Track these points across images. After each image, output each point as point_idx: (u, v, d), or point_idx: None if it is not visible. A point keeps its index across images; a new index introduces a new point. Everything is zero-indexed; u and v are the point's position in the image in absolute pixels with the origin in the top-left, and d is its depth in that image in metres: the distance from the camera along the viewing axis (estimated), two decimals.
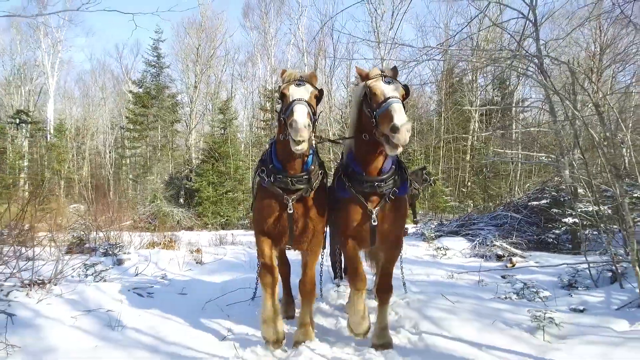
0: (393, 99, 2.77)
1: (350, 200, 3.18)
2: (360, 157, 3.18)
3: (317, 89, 3.05)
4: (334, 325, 3.84)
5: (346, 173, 3.24)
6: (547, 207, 7.45)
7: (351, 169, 3.21)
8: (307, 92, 2.96)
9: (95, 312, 3.65)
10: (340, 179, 3.28)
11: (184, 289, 4.94)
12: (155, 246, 7.72)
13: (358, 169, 3.16)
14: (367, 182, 3.09)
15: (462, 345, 3.09)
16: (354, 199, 3.15)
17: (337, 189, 3.31)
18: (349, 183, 3.17)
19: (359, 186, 3.12)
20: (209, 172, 17.11)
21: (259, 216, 3.37)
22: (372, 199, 3.14)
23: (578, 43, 15.49)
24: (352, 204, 3.17)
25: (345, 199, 3.21)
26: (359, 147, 3.18)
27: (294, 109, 2.76)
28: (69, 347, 2.91)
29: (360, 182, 3.12)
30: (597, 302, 4.07)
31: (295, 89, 2.94)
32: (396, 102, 2.75)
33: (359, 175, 3.13)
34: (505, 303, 4.17)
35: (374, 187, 3.10)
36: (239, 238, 10.18)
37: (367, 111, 2.96)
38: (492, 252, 7.03)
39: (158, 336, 3.25)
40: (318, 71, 23.06)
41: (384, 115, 2.74)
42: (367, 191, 3.12)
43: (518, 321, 3.52)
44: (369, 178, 3.10)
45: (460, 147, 18.97)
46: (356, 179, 3.14)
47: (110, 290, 4.46)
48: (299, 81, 3.01)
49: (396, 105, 2.72)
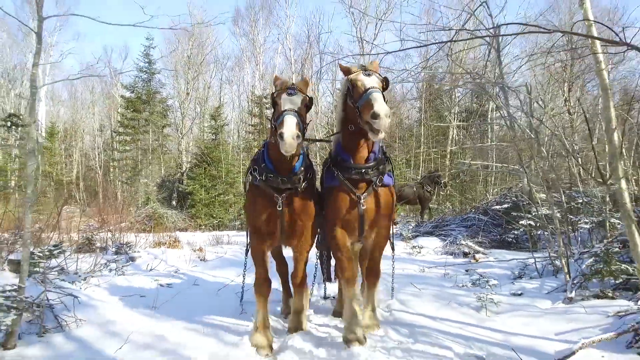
0: (373, 89, 2.97)
1: (339, 187, 3.40)
2: (347, 147, 3.38)
3: (307, 96, 3.21)
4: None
5: (335, 162, 3.45)
6: (508, 211, 8.51)
7: (340, 157, 3.41)
8: (298, 101, 3.11)
9: (132, 297, 4.54)
10: (329, 169, 3.50)
11: (196, 281, 5.83)
12: (161, 245, 8.54)
13: (346, 157, 3.37)
14: (354, 169, 3.32)
15: (423, 319, 4.00)
16: (343, 186, 3.37)
17: (326, 179, 3.54)
18: (338, 171, 3.38)
19: (347, 173, 3.34)
20: (201, 176, 17.92)
21: (251, 214, 3.56)
22: (359, 185, 3.36)
23: (551, 55, 16.72)
24: (341, 191, 3.39)
25: (334, 187, 3.43)
26: (346, 138, 3.38)
27: (284, 120, 2.92)
28: (124, 320, 3.79)
29: (348, 170, 3.33)
30: (533, 288, 5.08)
31: (286, 99, 3.10)
32: (376, 92, 2.95)
33: (347, 163, 3.35)
34: (461, 290, 5.14)
35: (361, 174, 3.32)
36: (234, 238, 11.00)
37: (350, 103, 3.16)
38: (460, 250, 8.04)
39: (188, 313, 4.12)
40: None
41: (365, 104, 2.94)
42: (354, 178, 3.34)
43: (468, 302, 4.46)
44: (357, 165, 3.32)
45: (439, 152, 20.09)
46: (344, 167, 3.36)
47: (136, 282, 5.36)
48: (290, 89, 3.15)
49: (376, 95, 2.92)
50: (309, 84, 3.41)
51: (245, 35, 27.41)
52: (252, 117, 25.09)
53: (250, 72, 28.03)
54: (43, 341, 3.29)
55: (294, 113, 2.98)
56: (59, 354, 3.12)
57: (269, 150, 3.34)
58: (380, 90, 3.00)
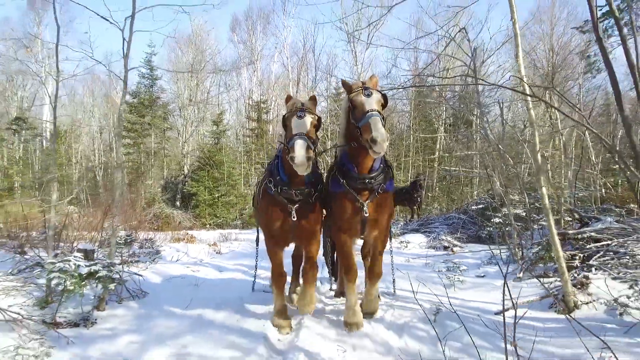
0: (372, 113, 3.13)
1: (344, 194, 3.61)
2: (352, 158, 3.59)
3: (316, 116, 3.45)
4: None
5: (341, 171, 3.65)
6: (482, 211, 9.78)
7: (346, 167, 3.62)
8: (307, 124, 3.33)
9: (175, 278, 5.71)
10: (334, 176, 3.71)
11: (219, 267, 7.00)
12: (179, 241, 9.70)
13: (351, 167, 3.57)
14: (359, 179, 3.53)
15: (404, 292, 5.21)
16: (348, 193, 3.58)
17: (332, 185, 3.73)
18: (344, 180, 3.58)
19: (352, 182, 3.54)
20: (205, 178, 19.08)
21: (266, 220, 3.88)
22: (363, 193, 3.58)
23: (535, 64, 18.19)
24: (346, 197, 3.61)
25: (339, 193, 3.64)
26: (352, 150, 3.57)
27: (295, 144, 3.15)
28: (176, 293, 4.95)
29: (353, 179, 3.54)
30: (493, 272, 6.33)
31: (297, 122, 3.31)
32: (374, 116, 3.11)
33: (352, 173, 3.56)
34: (437, 273, 6.36)
35: (365, 183, 3.53)
36: (240, 236, 12.20)
37: (352, 121, 3.35)
38: (441, 244, 9.30)
39: (223, 288, 5.29)
40: (301, 85, 25.22)
41: (365, 127, 3.13)
42: (359, 187, 3.55)
43: (442, 282, 5.70)
44: (361, 175, 3.53)
45: (427, 158, 21.39)
46: (350, 176, 3.56)
47: (171, 269, 6.52)
48: (300, 112, 3.35)
49: (374, 119, 3.08)
50: (316, 101, 3.72)
51: (243, 43, 28.54)
52: (250, 122, 26.19)
53: (247, 78, 29.18)
54: (123, 306, 4.46)
55: (303, 137, 3.19)
56: (139, 314, 4.30)
57: (284, 164, 3.58)
58: (379, 113, 3.16)
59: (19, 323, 3.58)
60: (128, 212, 11.73)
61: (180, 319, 4.14)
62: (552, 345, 3.26)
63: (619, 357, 2.84)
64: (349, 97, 3.40)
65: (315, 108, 3.62)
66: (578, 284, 4.48)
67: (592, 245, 5.72)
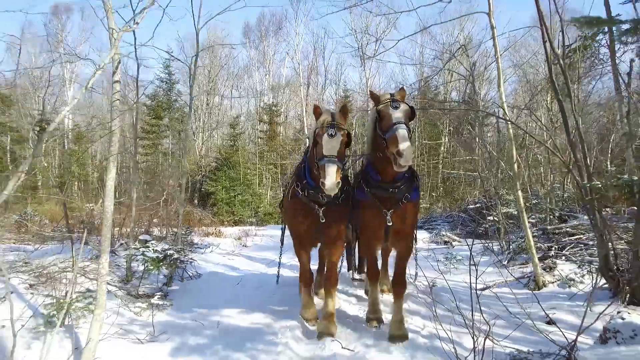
0: (399, 125, 3.11)
1: (368, 203, 3.63)
2: (377, 167, 3.59)
3: (346, 132, 3.42)
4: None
5: (365, 179, 3.68)
6: (479, 209, 10.88)
7: (370, 176, 3.65)
8: (338, 144, 3.28)
9: (217, 264, 6.92)
10: (360, 184, 3.75)
11: (249, 257, 8.18)
12: (209, 235, 10.90)
13: (376, 176, 3.59)
14: (383, 187, 3.52)
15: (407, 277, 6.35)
16: (372, 202, 3.59)
17: (358, 192, 3.78)
18: (368, 188, 3.60)
19: (376, 190, 3.55)
20: (222, 178, 20.30)
21: (293, 223, 4.09)
22: (387, 202, 3.56)
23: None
24: (370, 206, 3.63)
25: (364, 202, 3.68)
26: (376, 159, 3.56)
27: (326, 169, 3.16)
28: (224, 276, 6.14)
29: (377, 188, 3.55)
30: (484, 261, 7.43)
31: (327, 141, 3.26)
32: (401, 128, 3.09)
33: (377, 182, 3.57)
34: (437, 263, 7.47)
35: (389, 192, 3.50)
36: (258, 232, 13.39)
37: (379, 132, 3.31)
38: (442, 239, 10.40)
39: (254, 267, 6.48)
40: (311, 89, 26.37)
41: (391, 139, 3.10)
42: (383, 195, 3.54)
43: (441, 268, 6.82)
44: (385, 184, 3.52)
45: (432, 159, 22.48)
46: (374, 185, 3.58)
47: (212, 257, 7.69)
48: (331, 129, 3.29)
49: (401, 131, 3.06)
50: (348, 113, 3.65)
51: (255, 48, 29.72)
52: (263, 124, 27.35)
53: (258, 80, 30.36)
54: (185, 284, 5.63)
55: (334, 161, 3.18)
56: (200, 285, 5.49)
57: (311, 171, 3.63)
58: (405, 125, 3.15)
59: (116, 294, 4.76)
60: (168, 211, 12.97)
61: (229, 294, 5.32)
62: (513, 308, 4.38)
63: (562, 315, 4.00)
64: (377, 108, 3.40)
65: (346, 120, 3.59)
66: (547, 268, 5.61)
67: (567, 238, 6.85)
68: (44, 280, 4.49)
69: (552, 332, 3.19)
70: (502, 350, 3.09)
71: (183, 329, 3.79)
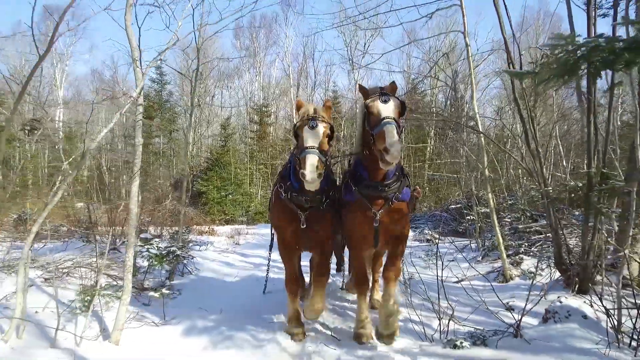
0: (387, 120, 2.96)
1: (356, 203, 3.43)
2: (366, 165, 3.40)
3: (329, 124, 3.30)
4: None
5: (354, 177, 3.48)
6: (460, 209, 11.52)
7: (359, 174, 3.46)
8: (319, 134, 3.17)
9: (213, 261, 7.40)
10: (347, 183, 3.53)
11: (242, 254, 8.69)
12: (202, 234, 11.35)
13: (365, 174, 3.41)
14: (372, 186, 3.33)
15: None
16: (360, 202, 3.39)
17: (345, 193, 3.57)
18: (356, 187, 3.39)
19: (365, 190, 3.35)
20: (213, 178, 20.75)
21: (277, 226, 3.92)
22: (376, 202, 3.36)
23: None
24: (358, 206, 3.43)
25: (352, 202, 3.48)
26: (366, 157, 3.38)
27: (306, 159, 3.03)
28: (221, 271, 6.64)
29: (366, 187, 3.35)
30: (461, 257, 8.04)
31: (308, 133, 3.16)
32: (389, 124, 2.93)
33: (365, 181, 3.38)
34: (419, 258, 8.08)
35: (378, 191, 3.32)
36: (249, 231, 13.89)
37: (367, 128, 3.16)
38: (424, 237, 11.01)
39: (248, 263, 6.99)
40: (300, 90, 26.88)
41: (379, 135, 2.95)
42: (372, 194, 3.35)
43: (421, 264, 7.40)
44: (374, 183, 3.33)
45: (417, 160, 23.14)
46: (362, 184, 3.38)
47: (207, 254, 8.18)
48: (312, 121, 3.18)
49: (389, 127, 2.91)
50: (331, 107, 3.52)
51: (245, 49, 30.11)
52: (253, 124, 27.79)
53: (248, 80, 30.74)
54: (184, 278, 6.13)
55: (315, 152, 3.06)
56: (199, 279, 5.99)
57: (296, 170, 3.38)
58: (394, 121, 2.99)
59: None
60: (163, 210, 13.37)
61: (228, 286, 5.84)
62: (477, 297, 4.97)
63: (519, 302, 4.59)
64: (365, 102, 3.22)
65: (330, 114, 3.46)
66: (514, 263, 6.22)
67: (536, 236, 7.49)
68: (59, 275, 4.95)
69: (509, 316, 3.77)
70: (463, 330, 3.68)
71: (190, 315, 4.28)
